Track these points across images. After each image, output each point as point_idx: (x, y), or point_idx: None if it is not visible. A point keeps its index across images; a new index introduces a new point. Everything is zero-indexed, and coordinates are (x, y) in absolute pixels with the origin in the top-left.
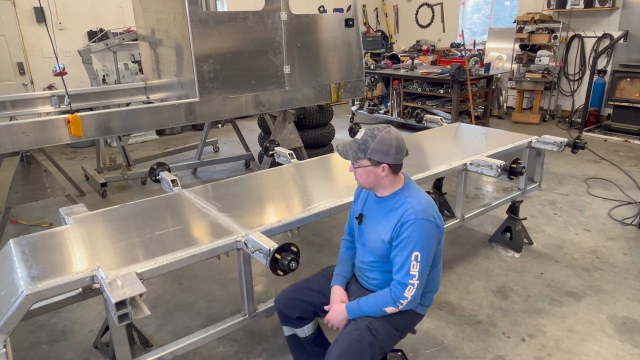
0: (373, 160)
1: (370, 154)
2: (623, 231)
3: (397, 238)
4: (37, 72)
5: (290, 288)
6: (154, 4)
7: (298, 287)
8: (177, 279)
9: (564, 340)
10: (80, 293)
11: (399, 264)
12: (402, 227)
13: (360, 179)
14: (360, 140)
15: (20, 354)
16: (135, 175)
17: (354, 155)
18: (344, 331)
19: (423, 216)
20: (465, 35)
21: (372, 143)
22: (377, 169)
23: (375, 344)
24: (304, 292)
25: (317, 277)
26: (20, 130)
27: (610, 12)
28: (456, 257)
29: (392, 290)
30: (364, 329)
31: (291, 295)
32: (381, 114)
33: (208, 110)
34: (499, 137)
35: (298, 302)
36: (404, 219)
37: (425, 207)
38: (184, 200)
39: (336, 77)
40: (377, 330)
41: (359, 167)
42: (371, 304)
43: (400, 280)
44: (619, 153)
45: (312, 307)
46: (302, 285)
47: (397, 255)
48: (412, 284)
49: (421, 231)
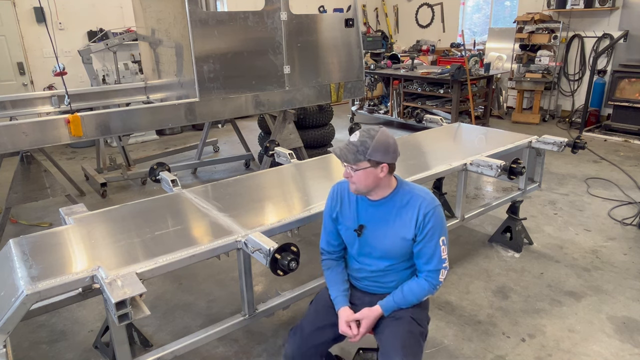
0: (373, 161)
1: (370, 155)
2: (623, 231)
3: (422, 231)
4: (37, 72)
5: (300, 338)
6: (154, 4)
7: (308, 333)
8: (177, 279)
9: (564, 340)
10: (80, 293)
11: (428, 255)
12: (425, 219)
13: (358, 183)
14: (357, 142)
15: (20, 354)
16: (135, 175)
17: (353, 158)
18: (389, 328)
19: (436, 203)
20: (465, 35)
21: (371, 144)
22: (376, 170)
23: (424, 332)
24: (317, 335)
25: (320, 312)
26: (20, 130)
27: (610, 12)
28: (456, 257)
29: (429, 280)
30: (410, 321)
31: (309, 345)
32: (381, 114)
33: (208, 110)
34: (499, 137)
35: (316, 348)
36: (424, 211)
37: (431, 195)
38: (184, 200)
39: (336, 77)
40: (421, 320)
41: (359, 170)
42: (409, 297)
43: (434, 269)
44: (619, 153)
45: (328, 344)
46: (311, 327)
47: (425, 246)
48: (445, 267)
49: (440, 216)
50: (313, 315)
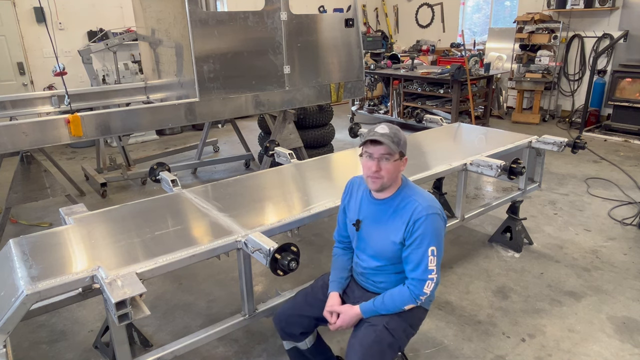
0: (402, 153)
1: (402, 147)
2: (623, 231)
3: (411, 237)
4: (37, 72)
5: (289, 305)
6: (154, 4)
7: (298, 303)
8: (177, 279)
9: (564, 340)
10: (80, 293)
11: (415, 262)
12: (414, 225)
13: (387, 175)
14: (391, 133)
15: (20, 354)
16: (135, 175)
17: (394, 149)
18: (359, 332)
19: (433, 211)
20: (465, 35)
21: (401, 136)
22: (401, 162)
23: (395, 344)
24: (304, 307)
25: (315, 289)
26: (20, 130)
27: (610, 12)
28: (456, 257)
29: (410, 288)
30: (382, 329)
31: (292, 312)
32: (381, 114)
33: (208, 110)
34: (499, 137)
35: (300, 318)
36: (415, 217)
37: (431, 202)
38: (184, 200)
39: (336, 77)
40: (395, 330)
41: (392, 162)
42: (388, 304)
43: (419, 277)
44: (619, 153)
45: (314, 320)
46: (301, 299)
47: (412, 253)
48: (432, 279)
49: (433, 225)
50: (309, 291)
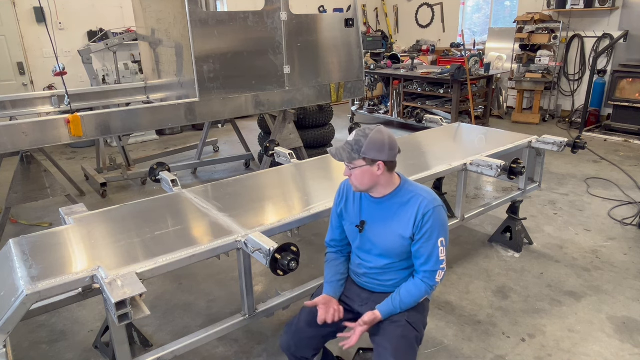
0: (368, 159)
1: (364, 153)
2: (623, 231)
3: (420, 230)
4: (37, 72)
5: (296, 328)
6: (154, 4)
7: (305, 324)
8: (177, 279)
9: (564, 340)
10: (80, 293)
11: (426, 255)
12: (424, 219)
13: (356, 181)
14: (352, 141)
15: (20, 354)
16: (135, 175)
17: (348, 157)
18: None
19: (437, 203)
20: (465, 35)
21: (365, 142)
22: (372, 168)
23: (418, 337)
24: (312, 328)
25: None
26: (20, 130)
27: (610, 12)
28: (456, 257)
29: (424, 281)
30: (405, 324)
31: (302, 336)
32: (381, 114)
33: (208, 110)
34: (499, 137)
35: (310, 340)
36: (423, 210)
37: (434, 195)
38: (184, 200)
39: (336, 77)
40: (416, 323)
41: (355, 169)
42: (406, 300)
43: (432, 269)
44: (619, 153)
45: (323, 339)
46: (306, 319)
47: (422, 247)
48: (442, 268)
49: (440, 217)
50: (309, 309)
